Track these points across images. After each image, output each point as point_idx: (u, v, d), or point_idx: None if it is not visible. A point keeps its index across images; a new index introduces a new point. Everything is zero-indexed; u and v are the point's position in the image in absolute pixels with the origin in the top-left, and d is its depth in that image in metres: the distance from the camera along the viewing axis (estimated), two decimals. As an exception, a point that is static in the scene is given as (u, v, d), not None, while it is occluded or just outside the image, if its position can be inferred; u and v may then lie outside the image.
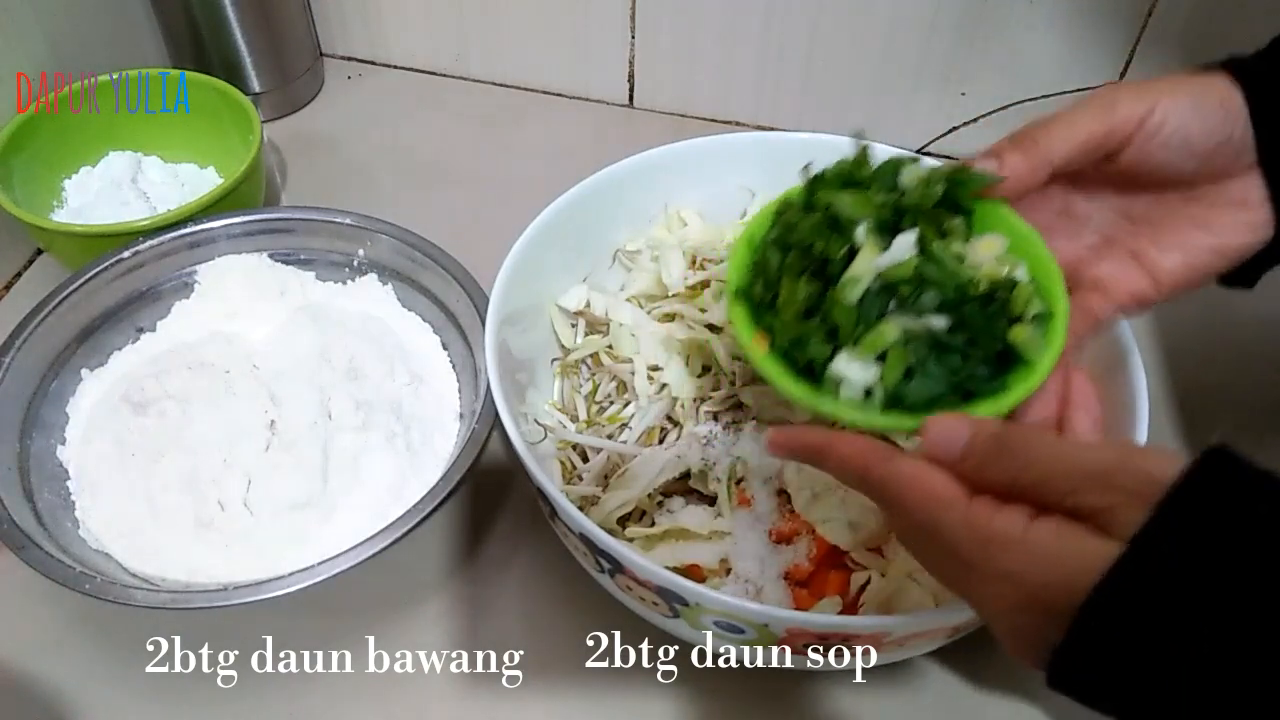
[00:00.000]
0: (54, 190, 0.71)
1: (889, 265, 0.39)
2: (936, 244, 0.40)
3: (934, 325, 0.38)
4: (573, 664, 0.52)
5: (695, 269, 0.60)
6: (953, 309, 0.39)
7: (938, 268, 0.39)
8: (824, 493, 0.50)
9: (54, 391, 0.58)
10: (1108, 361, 0.50)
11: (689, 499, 0.53)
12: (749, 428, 0.53)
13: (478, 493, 0.59)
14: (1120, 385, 0.49)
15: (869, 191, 0.42)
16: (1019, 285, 0.40)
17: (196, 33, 0.78)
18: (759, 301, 0.42)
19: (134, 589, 0.48)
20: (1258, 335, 0.68)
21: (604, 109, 0.85)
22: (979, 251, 0.40)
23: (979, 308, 0.39)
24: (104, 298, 0.61)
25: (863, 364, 0.38)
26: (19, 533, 0.49)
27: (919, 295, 0.39)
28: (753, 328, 0.42)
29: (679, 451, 0.53)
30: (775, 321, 0.41)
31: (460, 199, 0.77)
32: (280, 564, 0.51)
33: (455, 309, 0.61)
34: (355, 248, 0.64)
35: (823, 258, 0.40)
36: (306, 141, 0.82)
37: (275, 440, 0.55)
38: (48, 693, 0.51)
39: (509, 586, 0.55)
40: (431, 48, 0.87)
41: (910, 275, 0.39)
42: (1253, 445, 0.62)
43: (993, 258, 0.40)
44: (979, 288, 0.40)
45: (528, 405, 0.55)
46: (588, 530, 0.43)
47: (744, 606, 0.41)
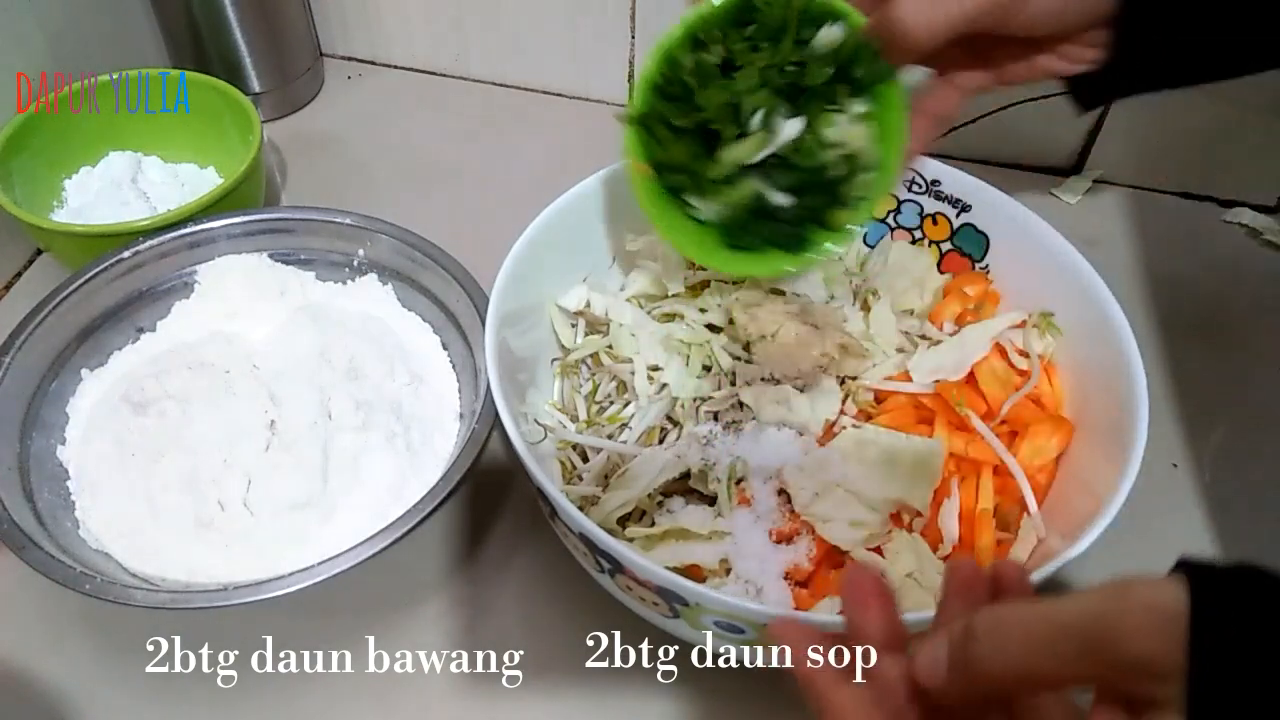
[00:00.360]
0: (54, 190, 0.71)
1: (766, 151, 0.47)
2: (817, 123, 0.47)
3: (779, 201, 0.48)
4: (573, 664, 0.52)
5: (695, 269, 0.60)
6: (799, 191, 0.48)
7: (803, 157, 0.47)
8: (824, 492, 0.50)
9: (54, 391, 0.58)
10: (1107, 361, 0.50)
11: (689, 499, 0.53)
12: (749, 428, 0.53)
13: (478, 493, 0.59)
14: (1120, 385, 0.49)
15: (773, 51, 0.47)
16: (860, 174, 0.48)
17: (196, 33, 0.78)
18: (652, 129, 0.50)
19: (134, 589, 0.48)
20: (1256, 335, 0.68)
21: (604, 109, 0.85)
22: (849, 135, 0.47)
23: (820, 193, 0.48)
24: (104, 298, 0.61)
25: (714, 206, 0.49)
26: (19, 533, 0.49)
27: (778, 172, 0.48)
28: (641, 153, 0.50)
29: (679, 451, 0.53)
30: (660, 154, 0.50)
31: (460, 199, 0.77)
32: (280, 564, 0.51)
33: (455, 309, 0.61)
34: (355, 248, 0.64)
35: (713, 129, 0.48)
36: (306, 141, 0.82)
37: (275, 440, 0.55)
38: (48, 692, 0.51)
39: (509, 586, 0.55)
40: (431, 48, 0.87)
41: (780, 156, 0.47)
42: (1252, 446, 0.62)
43: (860, 143, 0.48)
44: (828, 172, 0.48)
45: (528, 405, 0.55)
46: (588, 530, 0.43)
47: (744, 606, 0.41)
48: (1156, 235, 0.75)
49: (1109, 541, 0.43)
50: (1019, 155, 0.80)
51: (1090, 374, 0.52)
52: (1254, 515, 0.59)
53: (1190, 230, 0.76)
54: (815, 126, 0.47)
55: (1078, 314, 0.53)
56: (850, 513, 0.49)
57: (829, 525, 0.49)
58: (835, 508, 0.49)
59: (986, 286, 0.58)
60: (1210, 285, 0.71)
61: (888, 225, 0.62)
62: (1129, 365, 0.49)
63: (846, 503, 0.49)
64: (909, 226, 0.61)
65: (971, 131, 0.79)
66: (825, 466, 0.50)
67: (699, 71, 0.48)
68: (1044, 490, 0.51)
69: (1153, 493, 0.58)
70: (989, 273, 0.59)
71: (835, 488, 0.50)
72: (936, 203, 0.60)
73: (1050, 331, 0.55)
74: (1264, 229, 0.75)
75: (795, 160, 0.47)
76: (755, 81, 0.47)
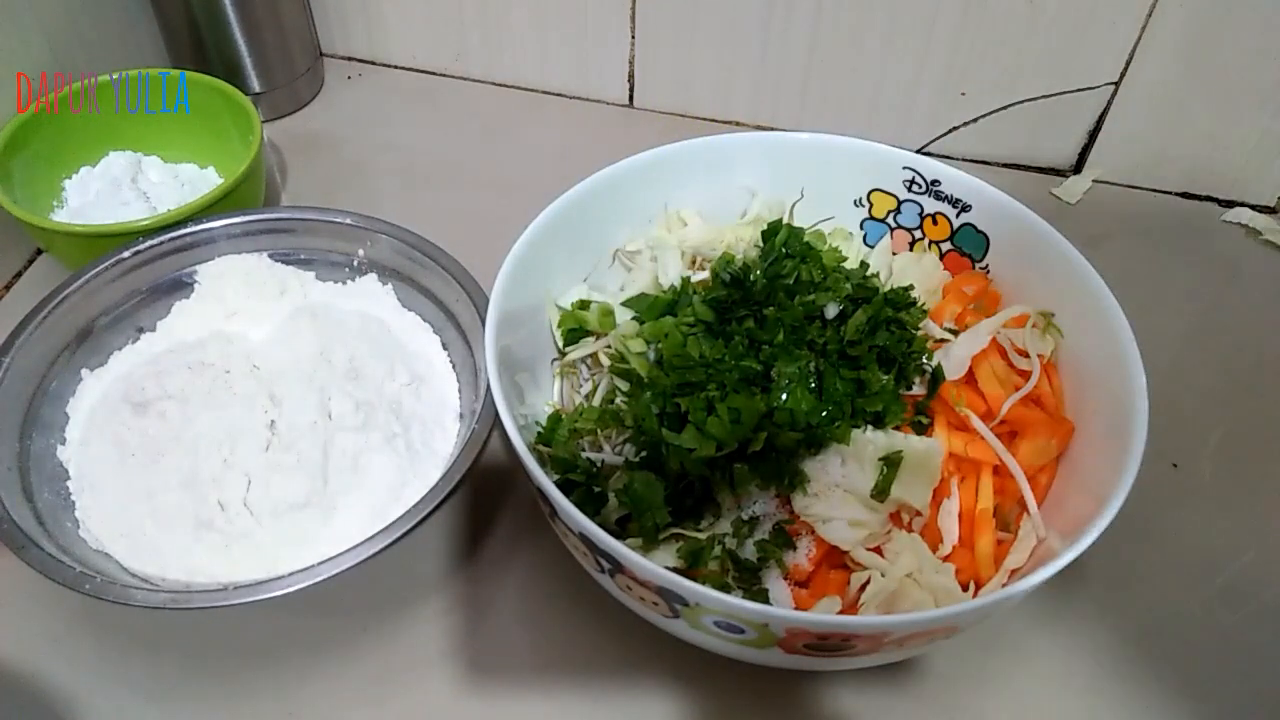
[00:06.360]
0: (54, 190, 0.71)
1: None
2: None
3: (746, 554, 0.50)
4: (572, 663, 0.52)
5: (695, 269, 0.60)
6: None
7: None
8: (824, 492, 0.50)
9: (54, 391, 0.58)
10: (1108, 362, 0.50)
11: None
12: (749, 428, 0.53)
13: (478, 493, 0.59)
14: (1120, 385, 0.49)
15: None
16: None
17: (196, 33, 0.78)
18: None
19: (134, 589, 0.48)
20: (1255, 338, 0.68)
21: (604, 109, 0.86)
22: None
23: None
24: (104, 298, 0.61)
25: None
26: (19, 533, 0.49)
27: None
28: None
29: (679, 451, 0.52)
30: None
31: (460, 199, 0.77)
32: (280, 564, 0.51)
33: (455, 309, 0.61)
34: (355, 248, 0.64)
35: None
36: (306, 141, 0.82)
37: (275, 440, 0.55)
38: (48, 693, 0.51)
39: (509, 586, 0.55)
40: (431, 48, 0.87)
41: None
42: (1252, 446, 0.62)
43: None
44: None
45: (528, 405, 0.55)
46: (588, 530, 0.43)
47: (744, 606, 0.41)
48: (1156, 235, 0.75)
49: (1109, 541, 0.43)
50: (1019, 155, 0.80)
51: (1090, 374, 0.52)
52: (1254, 515, 0.59)
53: (1190, 230, 0.76)
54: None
55: (1078, 314, 0.53)
56: (850, 513, 0.49)
57: (829, 525, 0.49)
58: (834, 508, 0.49)
59: (986, 286, 0.58)
60: (1210, 285, 0.71)
61: (888, 225, 0.62)
62: (1129, 365, 0.49)
63: (846, 503, 0.49)
64: (909, 226, 0.61)
65: (971, 131, 0.79)
66: (825, 466, 0.50)
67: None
68: (1044, 490, 0.51)
69: (1153, 493, 0.58)
70: (989, 273, 0.59)
71: (835, 488, 0.50)
72: (936, 203, 0.60)
73: (1050, 331, 0.55)
74: (1264, 229, 0.75)
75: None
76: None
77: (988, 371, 0.54)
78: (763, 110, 0.83)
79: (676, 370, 0.51)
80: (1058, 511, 0.49)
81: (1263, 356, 0.67)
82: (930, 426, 0.53)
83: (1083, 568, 0.55)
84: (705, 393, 0.50)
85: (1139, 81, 0.73)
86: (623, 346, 0.55)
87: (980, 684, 0.52)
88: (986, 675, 0.52)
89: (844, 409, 0.50)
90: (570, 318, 0.58)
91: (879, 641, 0.42)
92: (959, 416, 0.52)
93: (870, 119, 0.80)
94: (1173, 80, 0.72)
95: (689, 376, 0.51)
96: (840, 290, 0.54)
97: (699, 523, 0.50)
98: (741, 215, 0.63)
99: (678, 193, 0.62)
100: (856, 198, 0.62)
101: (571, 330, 0.58)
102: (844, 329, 0.52)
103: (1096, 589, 0.55)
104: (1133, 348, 0.49)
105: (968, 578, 0.49)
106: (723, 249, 0.60)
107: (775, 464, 0.49)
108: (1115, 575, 0.56)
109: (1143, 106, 0.74)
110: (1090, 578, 0.56)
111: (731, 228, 0.62)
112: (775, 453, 0.49)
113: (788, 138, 0.62)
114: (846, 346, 0.52)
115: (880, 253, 0.62)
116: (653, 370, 0.53)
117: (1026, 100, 0.76)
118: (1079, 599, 0.55)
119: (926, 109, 0.79)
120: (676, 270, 0.59)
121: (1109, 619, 0.54)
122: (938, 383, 0.53)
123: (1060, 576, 0.42)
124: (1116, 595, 0.55)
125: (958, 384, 0.54)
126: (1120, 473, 0.45)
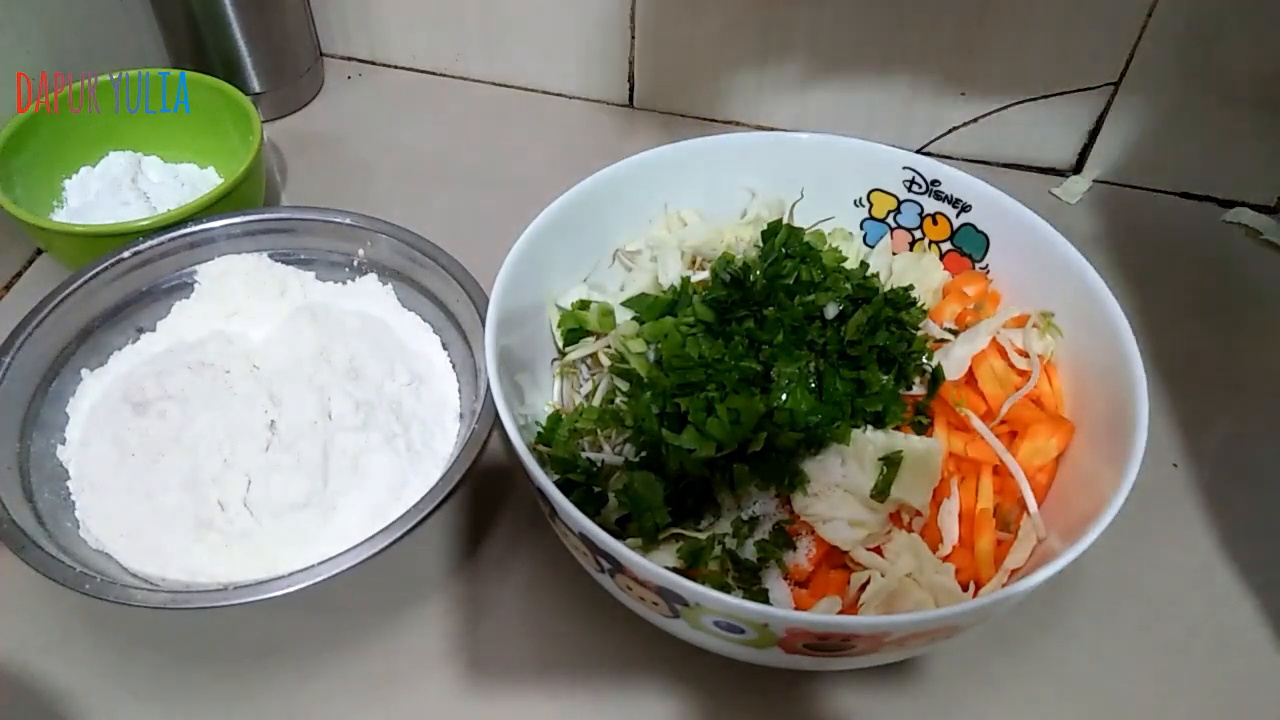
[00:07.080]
0: (54, 190, 0.71)
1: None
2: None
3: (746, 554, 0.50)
4: (573, 664, 0.52)
5: (695, 269, 0.60)
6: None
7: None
8: (824, 493, 0.50)
9: (54, 391, 0.58)
10: (1108, 361, 0.50)
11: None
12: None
13: (478, 493, 0.59)
14: (1120, 385, 0.49)
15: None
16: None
17: (196, 33, 0.78)
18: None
19: (134, 589, 0.48)
20: (1257, 335, 0.68)
21: (604, 109, 0.85)
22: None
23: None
24: (104, 298, 0.61)
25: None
26: (19, 533, 0.49)
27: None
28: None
29: (679, 451, 0.52)
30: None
31: (460, 199, 0.77)
32: (280, 564, 0.51)
33: (455, 309, 0.61)
34: (355, 248, 0.64)
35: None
36: (306, 141, 0.82)
37: (275, 440, 0.55)
38: (48, 693, 0.51)
39: (509, 586, 0.55)
40: (431, 48, 0.87)
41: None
42: (1252, 446, 0.62)
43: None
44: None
45: (528, 405, 0.55)
46: (588, 530, 0.43)
47: (744, 606, 0.41)
48: (1156, 235, 0.75)
49: (1109, 541, 0.43)
50: (1019, 155, 0.80)
51: (1090, 374, 0.52)
52: (1254, 515, 0.59)
53: (1190, 230, 0.76)
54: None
55: (1078, 314, 0.53)
56: (850, 513, 0.49)
57: (829, 525, 0.49)
58: (834, 508, 0.49)
59: (986, 286, 0.58)
60: (1210, 286, 0.71)
61: (888, 225, 0.62)
62: (1129, 365, 0.49)
63: (846, 503, 0.49)
64: (909, 226, 0.61)
65: (971, 131, 0.79)
66: (825, 466, 0.50)
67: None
68: (1044, 490, 0.51)
69: (1153, 493, 0.58)
70: (989, 273, 0.59)
71: (835, 488, 0.50)
72: (936, 203, 0.60)
73: (1050, 331, 0.55)
74: (1264, 229, 0.75)
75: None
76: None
77: (988, 371, 0.54)
78: (762, 110, 0.83)
79: (676, 370, 0.51)
80: (1058, 511, 0.49)
81: (1263, 357, 0.67)
82: (930, 426, 0.53)
83: (1083, 568, 0.55)
84: (705, 393, 0.50)
85: (1139, 81, 0.73)
86: (623, 346, 0.55)
87: (980, 684, 0.52)
88: (986, 675, 0.52)
89: (844, 409, 0.51)
90: (570, 318, 0.58)
91: (879, 641, 0.42)
92: (959, 416, 0.52)
93: (870, 119, 0.80)
94: (1173, 80, 0.72)
95: (689, 377, 0.51)
96: (840, 290, 0.54)
97: (699, 523, 0.50)
98: (741, 215, 0.63)
99: (678, 193, 0.62)
100: (856, 198, 0.62)
101: (571, 330, 0.58)
102: (844, 329, 0.52)
103: (1096, 589, 0.55)
104: (1133, 348, 0.49)
105: (968, 578, 0.49)
106: (723, 249, 0.60)
107: (775, 464, 0.49)
108: (1115, 575, 0.56)
109: (1143, 106, 0.74)
110: (1090, 578, 0.56)
111: (731, 228, 0.62)
112: (775, 453, 0.49)
113: (787, 138, 0.62)
114: (846, 346, 0.52)
115: (880, 253, 0.62)
116: (653, 370, 0.53)
117: (1026, 100, 0.76)
118: (1079, 599, 0.55)
119: (926, 109, 0.78)
120: (676, 270, 0.59)
121: (1109, 619, 0.54)
122: (938, 383, 0.53)
123: (1060, 576, 0.42)
124: (1116, 595, 0.55)
125: (958, 384, 0.54)
126: (1120, 473, 0.45)
